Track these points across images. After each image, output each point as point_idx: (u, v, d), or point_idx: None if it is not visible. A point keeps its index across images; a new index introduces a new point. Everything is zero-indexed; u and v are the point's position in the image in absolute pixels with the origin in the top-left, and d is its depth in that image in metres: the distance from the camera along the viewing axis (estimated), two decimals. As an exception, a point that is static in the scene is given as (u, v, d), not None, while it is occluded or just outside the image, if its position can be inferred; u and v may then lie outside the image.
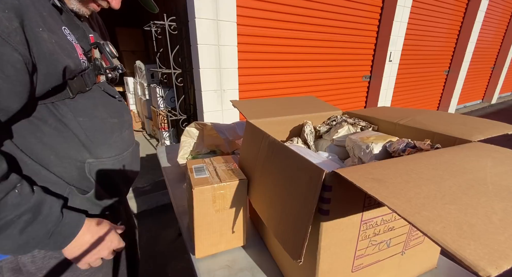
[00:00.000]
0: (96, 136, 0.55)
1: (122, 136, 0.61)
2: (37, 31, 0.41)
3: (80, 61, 0.51)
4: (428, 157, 0.41)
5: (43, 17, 0.43)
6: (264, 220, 0.54)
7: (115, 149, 0.60)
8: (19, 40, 0.38)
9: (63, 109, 0.50)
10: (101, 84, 0.60)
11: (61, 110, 0.49)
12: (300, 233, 0.39)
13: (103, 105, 0.58)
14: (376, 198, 0.28)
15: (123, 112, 0.63)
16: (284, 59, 2.59)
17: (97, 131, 0.55)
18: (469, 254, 0.21)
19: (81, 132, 0.53)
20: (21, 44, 0.38)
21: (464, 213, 0.26)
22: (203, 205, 0.58)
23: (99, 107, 0.56)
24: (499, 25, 5.24)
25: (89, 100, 0.55)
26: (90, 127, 0.54)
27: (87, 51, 0.56)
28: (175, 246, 1.71)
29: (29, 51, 0.40)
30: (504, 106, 5.95)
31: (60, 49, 0.45)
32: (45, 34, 0.42)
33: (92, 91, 0.56)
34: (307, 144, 0.80)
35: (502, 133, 0.52)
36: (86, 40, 0.57)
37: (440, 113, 0.70)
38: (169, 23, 2.17)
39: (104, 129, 0.57)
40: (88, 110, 0.54)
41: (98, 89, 0.58)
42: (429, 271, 0.60)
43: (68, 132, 0.51)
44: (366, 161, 0.61)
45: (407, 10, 3.21)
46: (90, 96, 0.55)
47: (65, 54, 0.46)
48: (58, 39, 0.45)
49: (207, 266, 0.62)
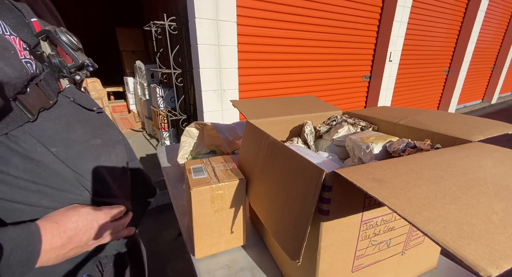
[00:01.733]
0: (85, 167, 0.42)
1: (111, 159, 0.47)
2: None
3: (22, 63, 0.34)
4: (428, 157, 0.40)
5: None
6: (263, 220, 0.54)
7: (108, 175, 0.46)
8: None
9: (27, 139, 0.35)
10: (68, 93, 0.44)
11: (23, 142, 0.34)
12: (299, 233, 0.39)
13: (80, 123, 0.43)
14: (376, 198, 0.28)
15: (106, 128, 0.48)
16: (284, 59, 2.59)
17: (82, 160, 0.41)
18: (469, 254, 0.21)
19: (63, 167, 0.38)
20: None
21: (465, 213, 0.26)
22: (201, 205, 0.58)
23: (75, 127, 0.42)
24: (499, 25, 5.24)
25: (59, 120, 0.39)
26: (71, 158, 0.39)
27: (33, 46, 0.39)
28: (175, 246, 1.71)
29: None
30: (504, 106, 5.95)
31: None
32: None
33: (60, 106, 0.41)
34: (307, 144, 0.80)
35: (502, 133, 0.52)
36: (27, 29, 0.38)
37: (440, 113, 0.70)
38: (169, 23, 2.17)
39: (89, 156, 0.43)
40: (61, 134, 0.39)
41: (66, 101, 0.43)
42: (429, 271, 0.60)
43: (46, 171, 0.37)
44: (366, 161, 0.61)
45: (407, 10, 3.21)
46: (59, 113, 0.40)
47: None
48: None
49: (207, 266, 0.62)
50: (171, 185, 0.98)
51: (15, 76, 0.32)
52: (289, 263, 0.56)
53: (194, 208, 0.57)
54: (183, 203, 0.87)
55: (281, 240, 0.45)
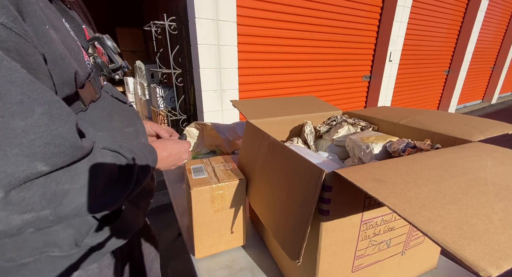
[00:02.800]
0: None
1: None
2: (44, 30, 0.32)
3: (86, 64, 0.42)
4: (428, 157, 0.40)
5: (42, 9, 0.34)
6: (263, 220, 0.54)
7: None
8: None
9: (82, 124, 0.42)
10: (107, 89, 0.52)
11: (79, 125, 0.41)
12: (299, 234, 0.39)
13: (117, 114, 0.50)
14: (376, 198, 0.28)
15: (135, 119, 0.57)
16: (284, 59, 2.59)
17: None
18: (469, 254, 0.21)
19: None
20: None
21: (464, 213, 0.26)
22: (201, 205, 0.58)
23: (114, 116, 0.49)
24: (499, 25, 5.24)
25: (103, 111, 0.47)
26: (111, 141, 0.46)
27: (86, 49, 0.46)
28: (175, 246, 1.71)
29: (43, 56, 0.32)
30: (504, 106, 5.95)
31: (68, 51, 0.37)
32: (51, 33, 0.34)
33: (103, 99, 0.48)
34: (307, 144, 0.80)
35: (502, 133, 0.52)
36: (82, 35, 0.45)
37: (440, 113, 0.70)
38: (169, 23, 2.17)
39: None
40: (104, 122, 0.46)
41: (107, 96, 0.50)
42: (429, 271, 0.60)
43: None
44: (366, 161, 0.61)
45: (407, 10, 3.21)
46: (103, 105, 0.48)
47: (73, 57, 0.38)
48: (63, 38, 0.37)
49: (207, 266, 0.62)
50: (171, 185, 0.98)
51: (83, 75, 0.40)
52: (289, 263, 0.56)
53: (194, 208, 0.57)
54: (183, 203, 0.87)
55: (281, 240, 0.45)
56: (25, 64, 0.29)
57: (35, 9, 0.31)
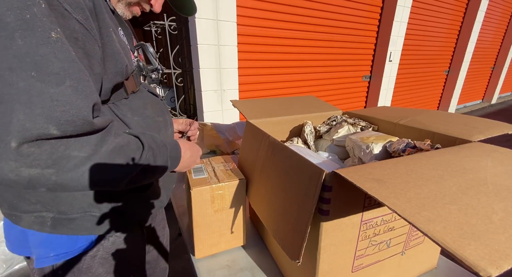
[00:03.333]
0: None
1: (167, 134, 0.63)
2: (109, 32, 0.43)
3: (133, 63, 0.53)
4: (428, 157, 0.40)
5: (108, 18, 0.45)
6: (263, 220, 0.54)
7: None
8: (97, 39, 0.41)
9: (123, 108, 0.51)
10: (144, 85, 0.63)
11: (121, 110, 0.51)
12: (299, 233, 0.39)
13: (151, 104, 0.60)
14: (376, 198, 0.28)
15: (165, 111, 0.65)
16: (284, 59, 2.59)
17: (150, 130, 0.56)
18: (469, 254, 0.21)
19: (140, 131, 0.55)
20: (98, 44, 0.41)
21: (464, 213, 0.26)
22: (201, 205, 0.58)
23: (148, 106, 0.58)
24: (499, 25, 5.24)
25: (140, 100, 0.57)
26: (144, 126, 0.55)
27: (133, 52, 0.58)
28: (175, 246, 1.71)
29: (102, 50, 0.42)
30: (504, 106, 5.95)
31: (122, 49, 0.47)
32: (113, 34, 0.45)
33: (141, 92, 0.59)
34: (307, 144, 0.80)
35: (502, 133, 0.52)
36: (131, 41, 0.58)
37: (440, 113, 0.70)
38: (169, 23, 2.17)
39: (154, 128, 0.58)
40: (140, 109, 0.56)
41: (144, 90, 0.61)
42: (429, 271, 0.60)
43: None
44: (366, 161, 0.61)
45: (407, 10, 3.21)
46: (141, 96, 0.58)
47: (124, 54, 0.48)
48: (119, 40, 0.48)
49: (207, 266, 0.62)
50: (171, 185, 0.98)
51: (130, 69, 0.50)
52: (289, 263, 0.56)
53: (194, 208, 0.57)
54: (183, 203, 0.87)
55: (281, 240, 0.45)
56: (85, 50, 0.39)
57: (104, 17, 0.43)
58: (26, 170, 0.32)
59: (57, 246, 0.49)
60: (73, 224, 0.48)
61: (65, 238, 0.49)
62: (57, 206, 0.46)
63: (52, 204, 0.46)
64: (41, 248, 0.49)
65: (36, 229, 0.47)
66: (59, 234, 0.48)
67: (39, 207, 0.46)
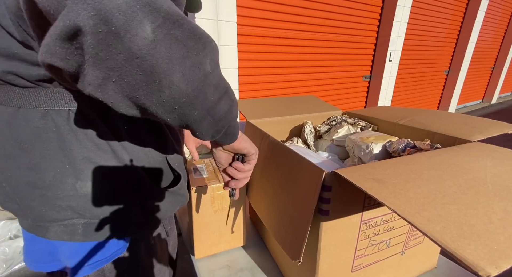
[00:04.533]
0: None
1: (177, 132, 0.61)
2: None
3: None
4: (428, 157, 0.40)
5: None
6: (263, 220, 0.54)
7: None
8: None
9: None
10: None
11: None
12: (299, 233, 0.39)
13: None
14: (376, 198, 0.28)
15: None
16: (284, 59, 2.59)
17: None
18: (469, 254, 0.21)
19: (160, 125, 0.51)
20: None
21: (464, 213, 0.26)
22: (201, 205, 0.58)
23: None
24: (499, 25, 5.24)
25: None
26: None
27: None
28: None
29: None
30: (504, 106, 5.95)
31: None
32: None
33: None
34: (307, 144, 0.80)
35: (502, 133, 0.52)
36: None
37: (440, 113, 0.70)
38: (169, 23, 2.17)
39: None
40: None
41: None
42: (429, 271, 0.60)
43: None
44: (366, 161, 0.61)
45: (407, 10, 3.21)
46: None
47: None
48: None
49: (207, 266, 0.62)
50: (171, 185, 0.98)
51: None
52: (289, 263, 0.56)
53: (194, 207, 0.57)
54: (183, 203, 0.87)
55: (281, 240, 0.45)
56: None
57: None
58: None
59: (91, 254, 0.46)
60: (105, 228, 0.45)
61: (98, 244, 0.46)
62: (90, 209, 0.43)
63: (85, 208, 0.43)
64: (74, 259, 0.45)
65: (66, 239, 0.44)
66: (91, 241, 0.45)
67: (70, 213, 0.43)
